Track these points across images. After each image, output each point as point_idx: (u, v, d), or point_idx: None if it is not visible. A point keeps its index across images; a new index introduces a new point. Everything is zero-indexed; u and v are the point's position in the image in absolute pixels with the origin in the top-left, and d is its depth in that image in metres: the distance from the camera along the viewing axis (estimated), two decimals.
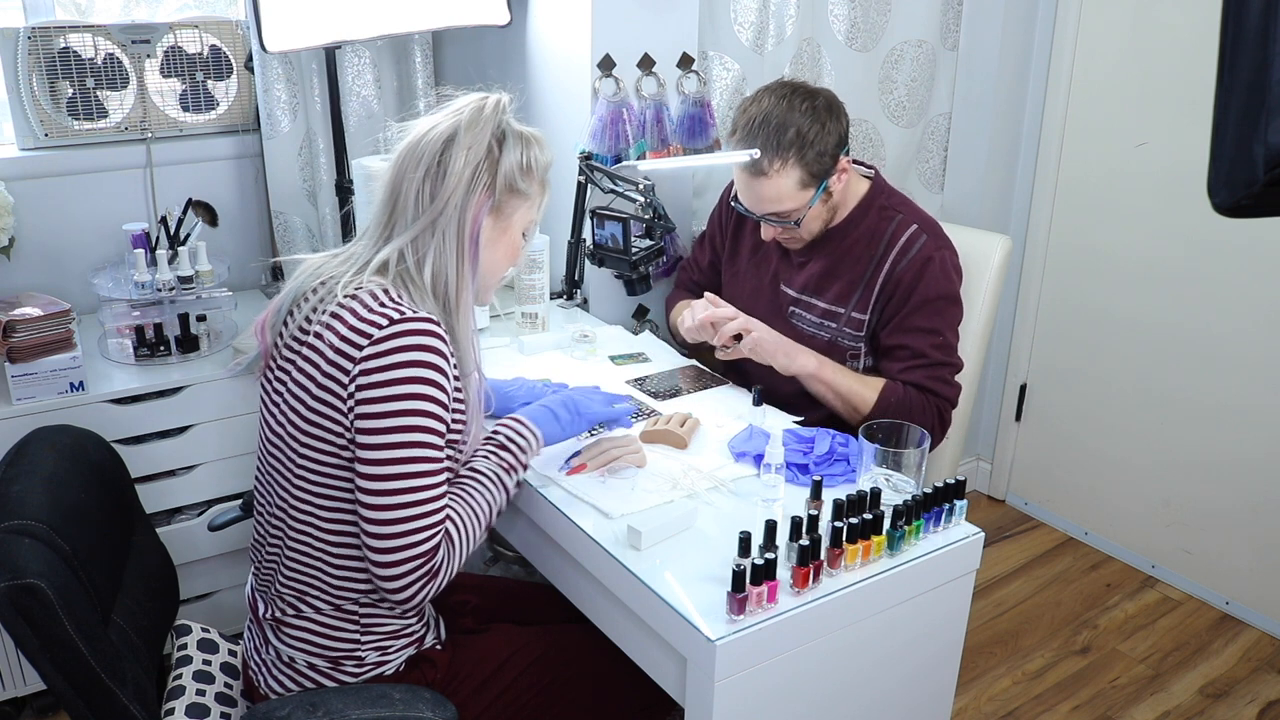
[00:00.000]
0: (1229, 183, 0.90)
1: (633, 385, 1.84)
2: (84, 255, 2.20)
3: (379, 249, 1.34)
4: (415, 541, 1.25)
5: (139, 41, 2.16)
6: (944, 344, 1.81)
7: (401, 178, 1.34)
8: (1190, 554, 2.68)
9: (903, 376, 1.81)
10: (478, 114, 1.34)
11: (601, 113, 2.04)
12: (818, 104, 1.74)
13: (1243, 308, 2.46)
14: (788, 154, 1.72)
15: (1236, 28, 0.88)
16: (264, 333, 1.38)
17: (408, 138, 1.36)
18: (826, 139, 1.73)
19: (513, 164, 1.35)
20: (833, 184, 1.78)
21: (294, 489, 1.33)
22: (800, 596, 1.24)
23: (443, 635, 1.49)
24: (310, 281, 1.36)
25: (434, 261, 1.32)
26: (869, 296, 1.83)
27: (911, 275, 1.79)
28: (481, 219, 1.34)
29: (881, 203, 1.86)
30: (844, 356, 1.87)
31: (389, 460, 1.24)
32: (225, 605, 2.18)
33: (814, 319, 1.89)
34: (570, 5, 2.08)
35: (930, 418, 1.79)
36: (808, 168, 1.73)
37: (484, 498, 1.36)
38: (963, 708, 2.26)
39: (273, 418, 1.36)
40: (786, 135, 1.71)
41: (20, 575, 1.13)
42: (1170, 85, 2.51)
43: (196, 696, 1.43)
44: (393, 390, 1.24)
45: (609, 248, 1.94)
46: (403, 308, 1.27)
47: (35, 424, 1.49)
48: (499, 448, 1.42)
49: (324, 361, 1.28)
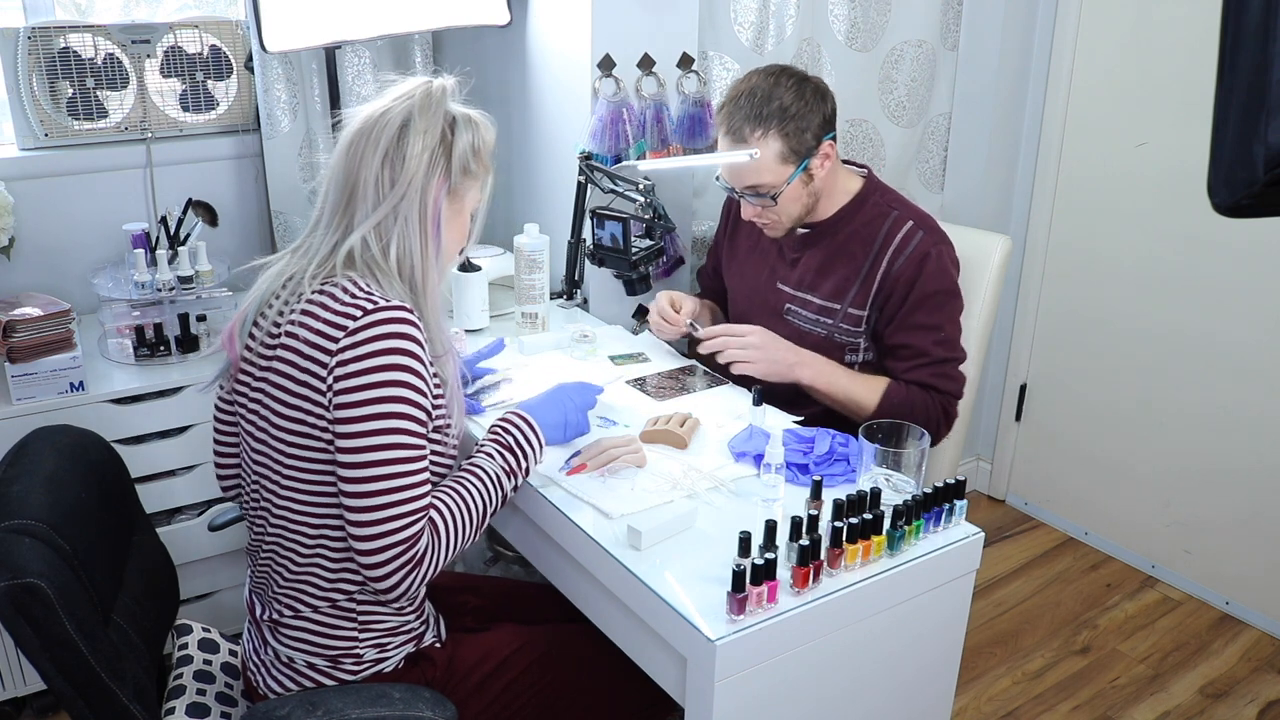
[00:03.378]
0: (1229, 183, 0.90)
1: (633, 385, 1.84)
2: (84, 255, 2.20)
3: (341, 239, 1.34)
4: (397, 528, 1.25)
5: (139, 41, 2.16)
6: (946, 339, 1.82)
7: (358, 165, 1.33)
8: (1190, 554, 2.68)
9: (907, 376, 1.82)
10: (428, 98, 1.35)
11: (601, 113, 2.04)
12: (804, 85, 1.77)
13: (1243, 307, 2.46)
14: (769, 125, 1.75)
15: (1236, 28, 0.88)
16: (232, 342, 1.37)
17: (355, 124, 1.35)
18: (810, 116, 1.76)
19: (465, 147, 1.37)
20: (814, 166, 1.79)
21: (283, 491, 1.33)
22: (800, 596, 1.24)
23: (442, 634, 1.49)
24: (275, 284, 1.36)
25: (399, 246, 1.33)
26: (867, 292, 1.83)
27: (910, 272, 1.79)
28: (441, 201, 1.36)
29: (875, 198, 1.87)
30: (841, 353, 1.87)
31: (369, 448, 1.24)
32: (225, 605, 2.18)
33: (809, 315, 1.89)
34: (570, 5, 2.08)
35: (935, 414, 1.80)
36: (787, 140, 1.75)
37: (480, 495, 1.36)
38: (963, 708, 2.26)
39: (254, 425, 1.35)
40: (769, 106, 1.75)
41: (20, 575, 1.13)
42: (1170, 85, 2.51)
43: (197, 696, 1.43)
44: (371, 379, 1.24)
45: (609, 248, 1.94)
46: (375, 297, 1.27)
47: (35, 424, 1.49)
48: (506, 449, 1.42)
49: (300, 358, 1.28)
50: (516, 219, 2.23)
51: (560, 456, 1.52)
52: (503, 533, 1.67)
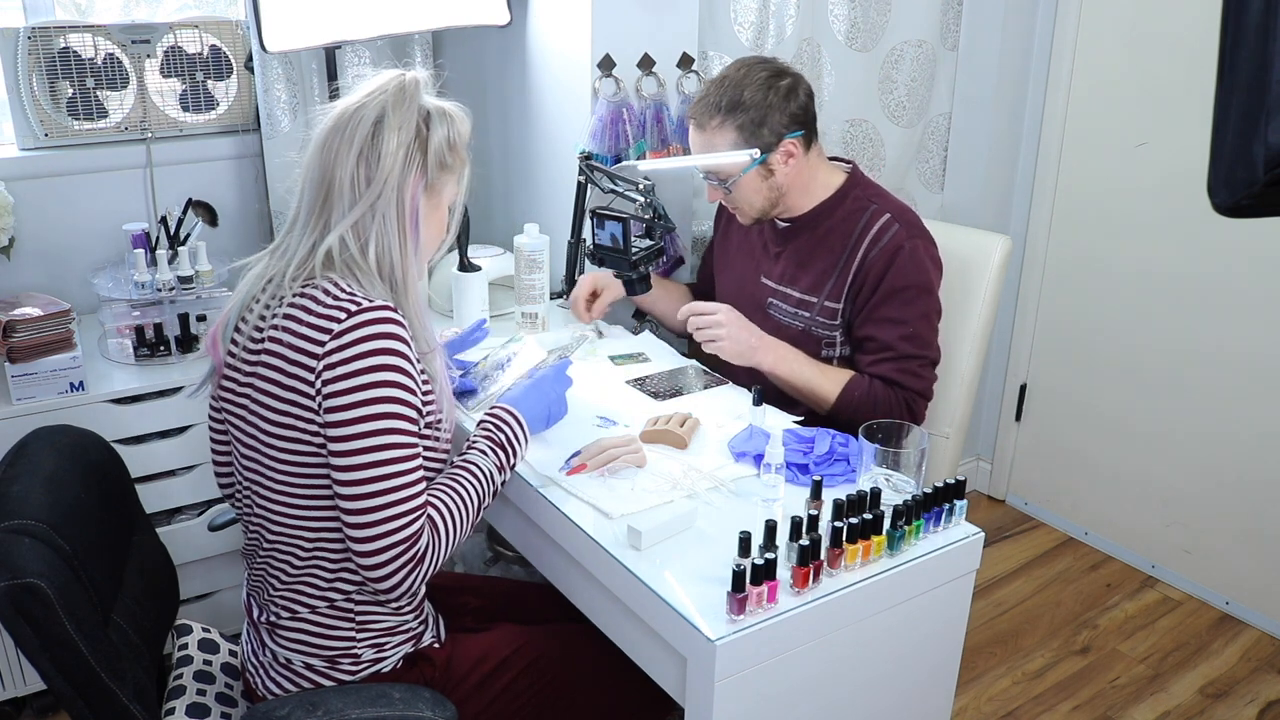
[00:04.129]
0: (1229, 183, 0.90)
1: (633, 385, 1.84)
2: (84, 255, 2.20)
3: (319, 239, 1.33)
4: (397, 528, 1.25)
5: (139, 41, 2.16)
6: (913, 335, 1.79)
7: (332, 163, 1.32)
8: (1190, 554, 2.68)
9: (871, 370, 1.80)
10: (401, 93, 1.34)
11: (601, 113, 2.04)
12: (777, 81, 1.78)
13: (1243, 307, 2.46)
14: (725, 115, 1.77)
15: (1236, 28, 0.88)
16: (216, 346, 1.37)
17: (329, 121, 1.34)
18: (768, 112, 1.76)
19: (440, 141, 1.36)
20: (774, 161, 1.79)
21: (276, 495, 1.33)
22: (800, 596, 1.24)
23: (442, 634, 1.49)
24: (255, 287, 1.35)
25: (377, 244, 1.32)
26: (841, 285, 1.83)
27: (881, 265, 1.78)
28: (418, 197, 1.35)
29: (857, 193, 1.87)
30: (818, 346, 1.87)
31: (363, 450, 1.24)
32: (225, 605, 2.18)
33: (789, 309, 1.90)
34: (570, 5, 2.08)
35: (898, 411, 1.78)
36: (741, 132, 1.76)
37: (476, 491, 1.37)
38: (963, 708, 2.26)
39: (242, 431, 1.35)
40: (729, 96, 1.76)
41: (20, 575, 1.13)
42: (1170, 85, 2.51)
43: (197, 696, 1.43)
44: (360, 380, 1.24)
45: (609, 248, 1.94)
46: (357, 298, 1.26)
47: (35, 424, 1.49)
48: (498, 445, 1.42)
49: (285, 364, 1.27)
50: (516, 219, 2.23)
51: (558, 456, 1.52)
52: (502, 532, 1.67)
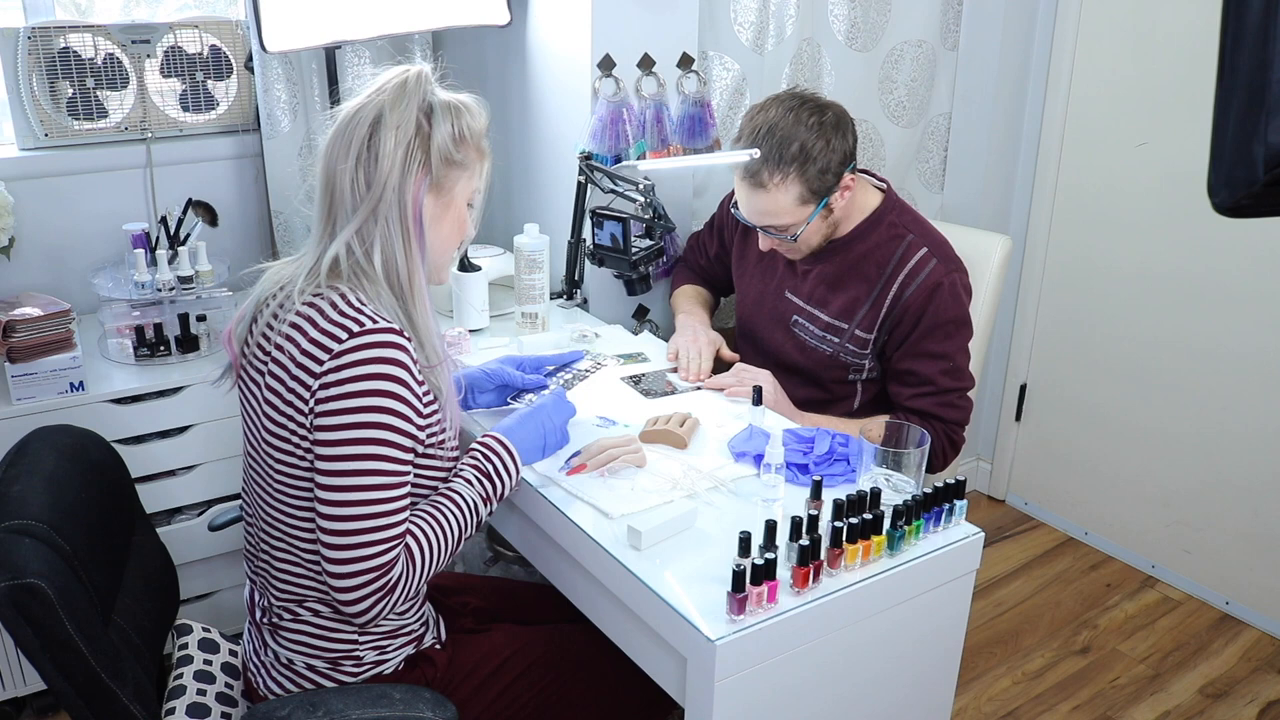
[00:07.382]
0: (1229, 182, 0.90)
1: (626, 382, 1.83)
2: (84, 255, 2.20)
3: (326, 246, 1.31)
4: (371, 554, 1.23)
5: (139, 41, 2.16)
6: (953, 369, 1.81)
7: (334, 169, 1.29)
8: (1190, 554, 2.68)
9: (910, 404, 1.81)
10: (401, 91, 1.30)
11: (601, 113, 2.04)
12: (825, 119, 1.71)
13: (1243, 308, 2.46)
14: (789, 169, 1.70)
15: (1236, 28, 0.88)
16: (231, 343, 1.37)
17: (332, 126, 1.32)
18: (830, 155, 1.70)
19: (445, 137, 1.31)
20: (834, 200, 1.75)
21: (273, 498, 1.33)
22: (800, 596, 1.24)
23: (442, 635, 1.49)
24: (270, 288, 1.34)
25: (382, 249, 1.29)
26: (876, 316, 1.82)
27: (920, 301, 1.77)
28: (422, 199, 1.31)
29: (892, 219, 1.84)
30: (846, 371, 1.87)
31: (346, 473, 1.22)
32: (225, 605, 2.18)
33: (816, 331, 1.88)
34: (570, 5, 2.08)
35: (939, 443, 1.81)
36: (808, 184, 1.71)
37: (457, 522, 1.34)
38: (963, 708, 2.26)
39: (249, 431, 1.35)
40: (789, 149, 1.69)
41: (21, 575, 1.13)
42: (1170, 85, 2.51)
43: (197, 696, 1.43)
44: (351, 404, 1.22)
45: (609, 248, 1.94)
46: (362, 318, 1.24)
47: (35, 424, 1.49)
48: (485, 476, 1.39)
49: (288, 376, 1.26)
50: (516, 219, 2.24)
51: (560, 458, 1.52)
52: (503, 533, 1.67)
